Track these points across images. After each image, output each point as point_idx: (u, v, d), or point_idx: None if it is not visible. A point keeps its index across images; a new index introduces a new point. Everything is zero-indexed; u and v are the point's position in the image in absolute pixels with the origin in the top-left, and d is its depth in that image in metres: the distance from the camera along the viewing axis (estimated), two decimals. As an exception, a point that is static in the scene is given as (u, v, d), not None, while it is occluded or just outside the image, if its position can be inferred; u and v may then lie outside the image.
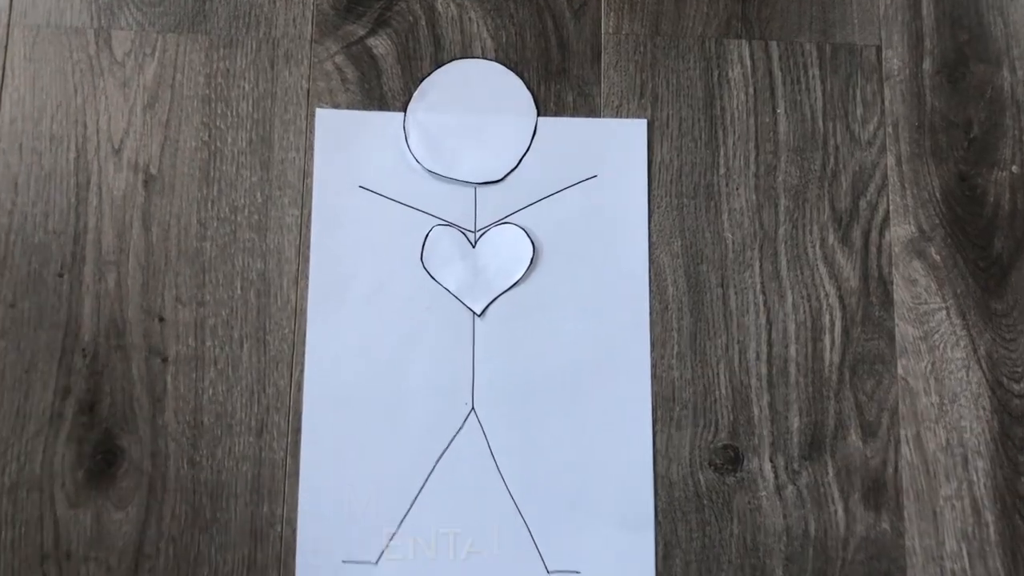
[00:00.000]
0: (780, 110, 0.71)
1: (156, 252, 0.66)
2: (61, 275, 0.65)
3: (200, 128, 0.68)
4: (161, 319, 0.65)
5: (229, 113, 0.68)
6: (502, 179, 0.68)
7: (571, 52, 0.71)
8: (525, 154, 0.69)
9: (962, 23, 0.72)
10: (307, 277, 0.66)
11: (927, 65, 0.72)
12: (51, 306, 0.65)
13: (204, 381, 0.64)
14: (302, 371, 0.65)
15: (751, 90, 0.71)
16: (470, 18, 0.71)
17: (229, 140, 0.68)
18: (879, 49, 0.72)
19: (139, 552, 0.62)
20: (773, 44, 0.71)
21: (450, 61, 0.70)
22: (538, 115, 0.69)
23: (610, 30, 0.71)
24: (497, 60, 0.70)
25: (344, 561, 0.63)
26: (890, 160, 0.70)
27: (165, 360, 0.64)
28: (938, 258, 0.69)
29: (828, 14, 0.72)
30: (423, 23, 0.70)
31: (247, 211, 0.67)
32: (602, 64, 0.70)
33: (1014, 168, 0.70)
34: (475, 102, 0.69)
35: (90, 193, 0.66)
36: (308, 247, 0.67)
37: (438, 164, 0.68)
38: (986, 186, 0.70)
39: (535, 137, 0.69)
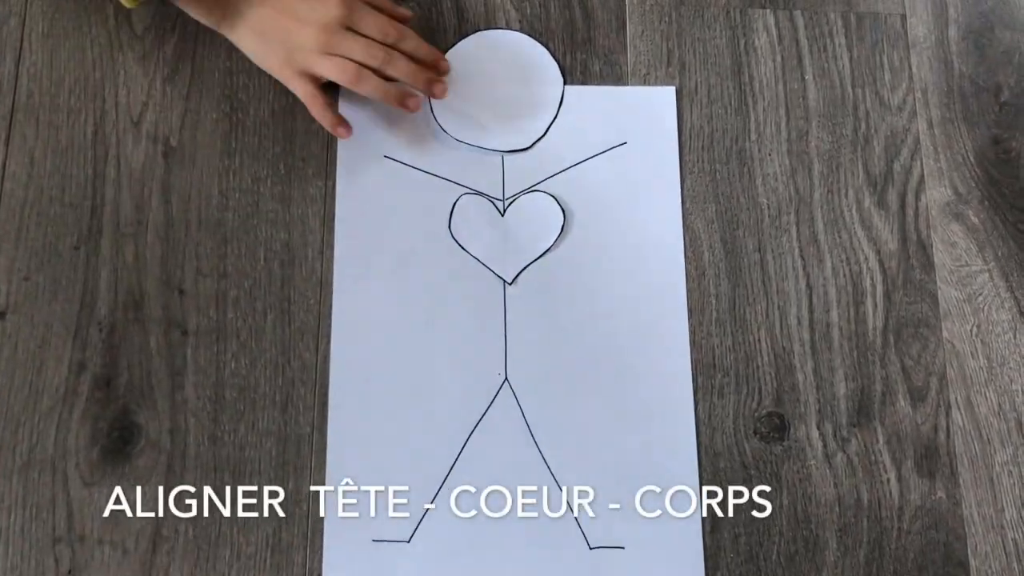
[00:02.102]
0: (808, 77, 0.70)
1: (176, 224, 0.64)
2: (77, 248, 0.63)
3: (221, 100, 0.66)
4: (181, 291, 0.62)
5: (251, 85, 0.67)
6: (530, 147, 0.67)
7: (596, 22, 0.70)
8: (553, 122, 0.67)
9: (985, -9, 0.72)
10: (332, 247, 0.64)
11: (952, 32, 0.72)
12: (66, 279, 0.62)
13: (226, 354, 0.62)
14: (328, 343, 0.62)
15: (778, 58, 0.70)
16: (493, -10, 0.70)
17: (251, 111, 0.66)
18: (903, 18, 0.72)
19: (157, 534, 0.58)
20: (798, 14, 0.71)
21: (473, 32, 0.69)
22: (564, 84, 0.68)
23: (634, 0, 0.70)
24: (521, 31, 0.69)
25: (375, 540, 0.59)
26: (921, 125, 0.69)
27: (185, 333, 0.62)
28: (976, 220, 0.67)
29: (850, -15, 0.72)
30: (446, -4, 0.70)
31: (269, 182, 0.65)
32: (628, 34, 0.70)
33: (1048, 130, 0.69)
34: (500, 72, 0.68)
35: (108, 166, 0.64)
36: (333, 218, 0.65)
37: (464, 133, 0.66)
38: (1021, 149, 0.69)
39: (562, 105, 0.68)
